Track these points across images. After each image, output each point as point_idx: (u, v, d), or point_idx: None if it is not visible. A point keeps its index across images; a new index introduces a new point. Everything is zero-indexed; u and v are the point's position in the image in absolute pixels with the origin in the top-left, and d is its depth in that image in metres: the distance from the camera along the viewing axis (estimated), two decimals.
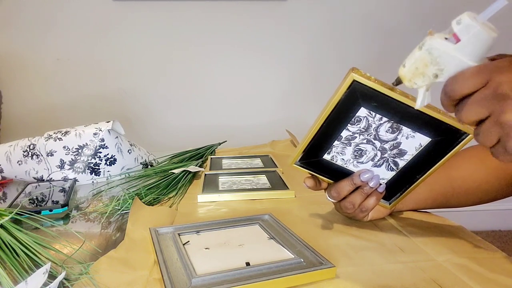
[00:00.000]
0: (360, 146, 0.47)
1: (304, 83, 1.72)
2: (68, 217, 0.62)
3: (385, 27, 1.69)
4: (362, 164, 0.49)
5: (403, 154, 0.47)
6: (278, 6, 1.61)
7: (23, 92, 1.60)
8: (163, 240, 0.49)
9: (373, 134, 0.46)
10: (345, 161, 0.49)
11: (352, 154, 0.48)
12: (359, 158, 0.48)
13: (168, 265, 0.42)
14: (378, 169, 0.49)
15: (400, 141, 0.46)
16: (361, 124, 0.45)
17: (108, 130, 0.80)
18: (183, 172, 0.77)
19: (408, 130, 0.45)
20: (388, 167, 0.49)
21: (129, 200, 0.64)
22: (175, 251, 0.45)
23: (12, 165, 0.79)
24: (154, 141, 1.65)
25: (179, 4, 1.58)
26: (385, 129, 0.45)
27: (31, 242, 0.46)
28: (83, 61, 1.60)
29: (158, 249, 0.45)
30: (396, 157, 0.48)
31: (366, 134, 0.46)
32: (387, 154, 0.48)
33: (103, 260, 0.45)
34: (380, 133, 0.46)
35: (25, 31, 1.56)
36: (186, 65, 1.65)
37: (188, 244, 0.48)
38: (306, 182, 0.51)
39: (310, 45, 1.68)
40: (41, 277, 0.39)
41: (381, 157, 0.48)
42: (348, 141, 0.47)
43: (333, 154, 0.49)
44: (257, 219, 0.55)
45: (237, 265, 0.42)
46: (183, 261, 0.43)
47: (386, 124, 0.45)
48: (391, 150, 0.47)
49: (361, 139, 0.47)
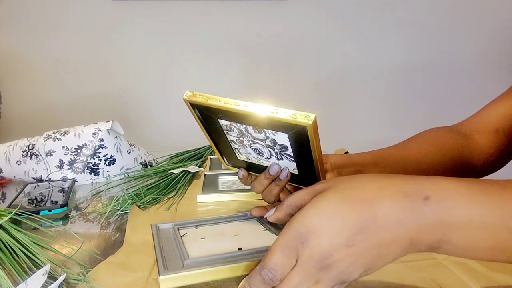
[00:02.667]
0: (254, 146, 0.47)
1: (304, 83, 1.72)
2: (67, 218, 0.62)
3: (385, 27, 1.69)
4: (269, 160, 0.48)
5: (285, 148, 0.45)
6: (278, 6, 1.61)
7: (22, 92, 1.60)
8: (162, 234, 0.50)
9: (250, 136, 0.45)
10: (256, 158, 0.49)
11: (255, 153, 0.48)
12: (262, 155, 0.48)
13: (164, 251, 0.44)
14: (282, 162, 0.48)
15: (273, 138, 0.44)
16: (234, 131, 0.45)
17: (107, 130, 0.80)
18: (183, 172, 0.77)
19: (266, 130, 0.43)
20: (288, 158, 0.47)
21: (128, 200, 0.64)
22: (173, 242, 0.47)
23: (11, 165, 0.79)
24: (153, 141, 1.65)
25: (179, 4, 1.58)
26: (252, 131, 0.44)
27: (30, 243, 0.46)
28: (83, 61, 1.60)
29: (156, 241, 0.46)
30: (284, 151, 0.46)
31: (246, 137, 0.45)
32: (276, 150, 0.46)
33: (102, 265, 0.45)
34: (253, 135, 0.45)
35: (25, 31, 1.55)
36: (185, 65, 1.65)
37: (185, 236, 0.49)
38: (239, 173, 0.52)
39: (310, 45, 1.68)
40: (41, 278, 0.39)
41: (275, 153, 0.47)
42: (242, 144, 0.47)
43: (244, 155, 0.49)
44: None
45: (230, 250, 0.44)
46: (179, 248, 0.44)
47: (247, 126, 0.44)
48: (275, 146, 0.45)
49: (248, 141, 0.46)
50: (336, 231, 0.31)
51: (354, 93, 1.75)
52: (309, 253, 0.32)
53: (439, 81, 1.77)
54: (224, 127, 0.46)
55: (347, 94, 1.75)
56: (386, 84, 1.76)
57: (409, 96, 1.78)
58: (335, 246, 0.31)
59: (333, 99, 1.74)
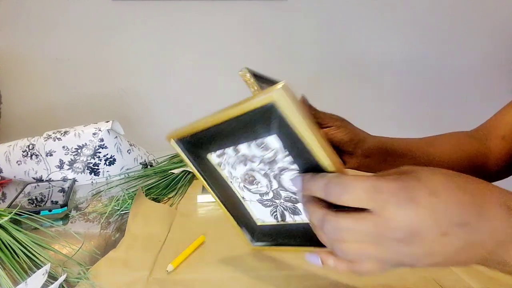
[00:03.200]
0: (254, 174, 0.39)
1: (304, 83, 1.72)
2: (67, 217, 0.62)
3: (385, 27, 1.69)
4: (248, 192, 0.42)
5: (295, 212, 0.40)
6: (278, 6, 1.61)
7: (22, 92, 1.60)
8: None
9: (276, 173, 0.37)
10: (232, 176, 0.42)
11: (242, 175, 0.41)
12: (249, 184, 0.41)
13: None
14: (261, 208, 0.42)
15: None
16: (267, 153, 0.36)
17: (108, 130, 0.80)
18: (183, 172, 0.77)
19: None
20: (273, 213, 0.42)
21: (128, 200, 0.64)
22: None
23: (12, 165, 0.79)
24: (153, 141, 1.64)
25: (179, 4, 1.58)
26: (289, 177, 0.36)
27: (30, 243, 0.46)
28: (83, 61, 1.60)
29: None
30: (286, 211, 0.40)
31: (268, 167, 0.38)
32: (278, 202, 0.40)
33: (102, 262, 0.45)
34: (282, 177, 0.37)
35: (25, 31, 1.55)
36: (185, 65, 1.64)
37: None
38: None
39: (310, 45, 1.68)
40: (41, 278, 0.39)
41: (271, 200, 0.41)
42: (244, 160, 0.39)
43: (224, 160, 0.41)
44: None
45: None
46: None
47: (294, 173, 0.36)
48: (285, 201, 0.39)
49: (259, 168, 0.38)
50: (445, 210, 0.27)
51: (354, 93, 1.75)
52: (402, 213, 0.27)
53: (440, 81, 1.77)
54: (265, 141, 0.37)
55: (348, 94, 1.75)
56: (386, 84, 1.76)
57: (410, 96, 1.78)
58: (433, 226, 0.27)
59: (333, 99, 1.74)
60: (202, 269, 0.44)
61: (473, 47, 1.74)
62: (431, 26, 1.70)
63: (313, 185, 0.31)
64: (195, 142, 0.41)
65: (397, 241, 0.28)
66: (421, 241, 0.28)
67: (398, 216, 0.27)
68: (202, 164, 0.43)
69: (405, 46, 1.71)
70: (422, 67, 1.75)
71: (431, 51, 1.73)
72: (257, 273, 0.43)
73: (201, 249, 0.49)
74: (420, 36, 1.71)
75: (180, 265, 0.45)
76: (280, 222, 0.42)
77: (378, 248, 0.29)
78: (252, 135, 0.36)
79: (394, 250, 0.28)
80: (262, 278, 0.42)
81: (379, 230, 0.28)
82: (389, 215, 0.27)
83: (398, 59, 1.73)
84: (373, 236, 0.28)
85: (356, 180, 0.28)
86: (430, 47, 1.73)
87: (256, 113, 0.32)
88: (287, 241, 0.42)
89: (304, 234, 0.40)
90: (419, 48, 1.72)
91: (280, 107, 0.29)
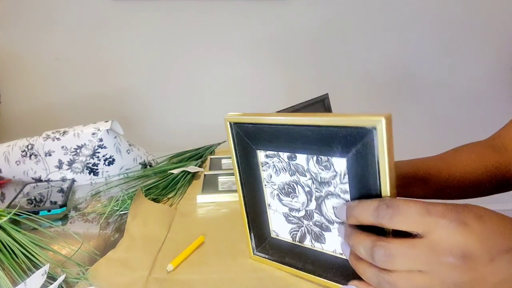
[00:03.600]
0: (297, 188, 0.39)
1: (304, 83, 1.72)
2: (66, 218, 0.62)
3: (385, 27, 1.69)
4: (278, 201, 0.41)
5: (318, 239, 0.39)
6: (278, 6, 1.61)
7: (21, 91, 1.60)
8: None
9: (321, 195, 0.37)
10: (270, 180, 0.41)
11: (282, 184, 0.40)
12: (284, 195, 0.40)
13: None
14: (283, 222, 0.42)
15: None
16: (324, 172, 0.35)
17: (107, 130, 0.79)
18: (182, 172, 0.77)
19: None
20: (292, 232, 0.42)
21: (127, 201, 0.63)
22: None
23: (10, 165, 0.79)
24: (153, 141, 1.64)
25: (179, 4, 1.57)
26: (333, 204, 0.36)
27: (29, 243, 0.45)
28: (82, 61, 1.60)
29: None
30: (309, 234, 0.40)
31: (316, 186, 0.37)
32: (306, 223, 0.40)
33: (102, 262, 0.45)
34: (325, 201, 0.36)
35: (24, 30, 1.55)
36: (185, 65, 1.64)
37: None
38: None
39: (310, 45, 1.68)
40: (40, 278, 0.38)
41: (299, 218, 0.40)
42: (294, 170, 0.38)
43: (271, 162, 0.40)
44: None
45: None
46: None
47: (339, 201, 0.35)
48: (314, 225, 0.39)
49: (306, 183, 0.38)
50: (492, 235, 0.27)
51: (355, 93, 1.75)
52: (453, 235, 0.27)
53: (442, 82, 1.78)
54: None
55: (348, 94, 1.75)
56: (388, 84, 1.76)
57: (411, 96, 1.78)
58: (483, 250, 0.27)
59: (334, 99, 1.74)
60: (202, 269, 0.44)
61: (478, 58, 1.74)
62: (431, 28, 1.70)
63: (362, 211, 0.30)
64: (254, 133, 0.39)
65: (449, 266, 0.27)
66: (473, 266, 0.27)
67: (449, 238, 0.27)
68: (247, 156, 0.41)
69: (406, 45, 1.71)
70: (424, 69, 1.75)
71: (431, 52, 1.73)
72: (256, 273, 0.43)
73: (201, 249, 0.49)
74: (420, 38, 1.71)
75: (180, 265, 0.45)
76: (296, 242, 0.41)
77: (428, 277, 0.28)
78: (321, 150, 0.34)
79: (445, 276, 0.27)
80: (261, 278, 0.42)
81: (431, 254, 0.27)
82: (440, 237, 0.27)
83: (399, 58, 1.73)
84: (424, 262, 0.28)
85: (408, 202, 0.28)
86: (430, 48, 1.73)
87: (346, 131, 0.31)
88: (293, 263, 0.41)
89: (317, 262, 0.39)
90: (419, 49, 1.72)
91: (378, 134, 0.29)
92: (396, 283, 0.29)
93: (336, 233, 0.37)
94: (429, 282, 0.28)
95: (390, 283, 0.29)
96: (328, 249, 0.39)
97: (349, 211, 0.32)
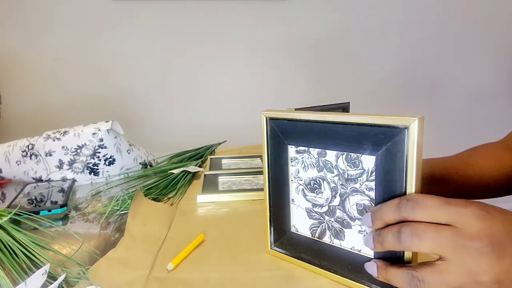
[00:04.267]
0: (323, 183, 0.40)
1: (304, 83, 1.72)
2: (67, 218, 0.62)
3: (385, 27, 1.69)
4: (302, 197, 0.43)
5: (338, 236, 0.40)
6: (278, 6, 1.61)
7: (21, 92, 1.60)
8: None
9: (346, 191, 0.38)
10: (297, 175, 0.42)
11: (309, 179, 0.41)
12: (309, 190, 0.41)
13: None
14: (304, 218, 0.43)
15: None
16: (352, 169, 0.37)
17: (107, 130, 0.80)
18: (183, 172, 0.77)
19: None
20: (312, 227, 0.42)
21: (128, 200, 0.63)
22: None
23: (11, 165, 0.79)
24: (153, 141, 1.64)
25: (179, 4, 1.58)
26: (357, 200, 0.37)
27: (29, 243, 0.45)
28: (82, 61, 1.60)
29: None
30: (329, 230, 0.41)
31: (342, 182, 0.38)
32: (327, 219, 0.40)
33: (102, 261, 0.45)
34: (349, 198, 0.38)
35: (24, 30, 1.55)
36: (185, 65, 1.64)
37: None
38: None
39: (310, 45, 1.68)
40: (41, 278, 0.39)
41: (321, 214, 0.41)
42: (323, 166, 0.39)
43: (300, 158, 0.41)
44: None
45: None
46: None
47: (363, 199, 0.37)
48: (335, 221, 0.40)
49: (332, 179, 0.39)
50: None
51: (355, 93, 1.75)
52: (478, 223, 0.27)
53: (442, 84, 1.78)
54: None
55: (349, 94, 1.75)
56: (389, 84, 1.76)
57: (412, 97, 1.78)
58: (508, 239, 0.28)
59: (335, 99, 1.74)
60: (202, 268, 0.44)
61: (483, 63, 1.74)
62: (433, 30, 1.70)
63: (385, 210, 0.32)
64: (288, 129, 0.41)
65: (477, 252, 0.27)
66: (503, 252, 0.27)
67: (475, 225, 0.28)
68: (277, 151, 0.43)
69: (405, 45, 1.71)
70: (423, 71, 1.75)
71: (432, 54, 1.73)
72: (257, 272, 0.43)
73: (201, 248, 0.49)
74: (420, 37, 1.71)
75: (180, 264, 0.45)
76: (315, 238, 0.42)
77: (454, 265, 0.28)
78: (352, 147, 0.36)
79: (473, 263, 0.28)
80: (262, 277, 0.42)
81: (457, 238, 0.28)
82: (465, 224, 0.28)
83: (399, 58, 1.73)
84: (450, 247, 0.28)
85: (427, 196, 0.30)
86: (430, 49, 1.73)
87: (378, 129, 0.33)
88: (310, 259, 0.42)
89: (334, 258, 0.40)
90: (419, 50, 1.72)
91: (410, 133, 0.31)
92: (424, 277, 0.29)
93: (356, 230, 0.38)
94: (455, 271, 0.28)
95: (419, 279, 0.29)
96: (346, 246, 0.39)
97: (373, 215, 0.33)
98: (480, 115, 1.79)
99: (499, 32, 1.71)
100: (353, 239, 0.39)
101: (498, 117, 1.77)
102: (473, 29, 1.70)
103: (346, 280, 0.39)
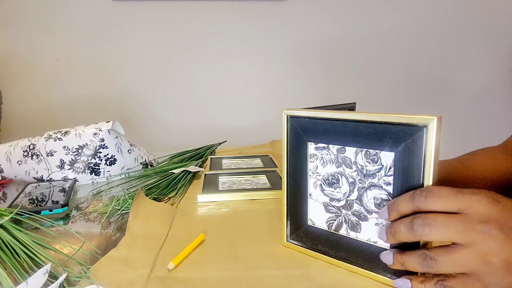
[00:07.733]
0: (341, 179, 0.42)
1: (304, 83, 1.72)
2: (68, 217, 0.62)
3: (390, 29, 1.69)
4: (320, 191, 0.44)
5: (354, 228, 0.41)
6: (278, 6, 1.61)
7: (23, 92, 1.60)
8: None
9: (363, 186, 0.39)
10: (316, 170, 0.44)
11: (328, 175, 0.42)
12: (327, 185, 0.43)
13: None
14: (321, 211, 0.44)
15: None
16: (371, 165, 0.38)
17: (108, 130, 0.80)
18: (183, 172, 0.77)
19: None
20: (329, 221, 0.44)
21: (129, 200, 0.64)
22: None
23: (12, 165, 0.79)
24: (154, 141, 1.65)
25: (179, 4, 1.58)
26: (374, 194, 0.39)
27: (31, 242, 0.46)
28: (83, 61, 1.60)
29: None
30: (346, 223, 0.42)
31: (360, 177, 0.40)
32: (344, 212, 0.42)
33: (103, 261, 0.45)
34: (367, 192, 0.39)
35: (25, 31, 1.56)
36: (186, 65, 1.65)
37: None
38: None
39: (312, 46, 1.68)
40: (42, 277, 0.39)
41: (338, 208, 0.42)
42: (342, 162, 0.41)
43: (320, 154, 0.43)
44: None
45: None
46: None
47: (381, 193, 0.38)
48: (352, 214, 0.41)
49: (350, 175, 0.40)
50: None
51: (356, 93, 1.75)
52: (488, 208, 0.29)
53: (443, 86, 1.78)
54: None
55: (349, 94, 1.75)
56: (390, 83, 1.76)
57: (415, 98, 1.78)
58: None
59: (334, 99, 1.74)
60: (202, 267, 0.44)
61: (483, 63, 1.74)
62: (433, 30, 1.70)
63: (400, 202, 0.34)
64: (308, 126, 0.43)
65: (487, 235, 0.29)
66: (511, 235, 0.28)
67: (485, 211, 0.29)
68: (297, 148, 0.44)
69: (405, 45, 1.71)
70: (426, 74, 1.75)
71: (435, 56, 1.73)
72: (257, 271, 0.43)
73: (202, 247, 0.49)
74: (421, 37, 1.71)
75: (181, 263, 0.45)
76: (331, 231, 0.44)
77: (466, 249, 0.29)
78: (371, 144, 0.38)
79: (484, 246, 0.29)
80: (262, 276, 0.42)
81: (467, 223, 0.29)
82: (475, 210, 0.29)
83: (399, 58, 1.73)
84: (460, 232, 0.29)
85: (439, 186, 0.32)
86: (430, 49, 1.73)
87: (398, 127, 0.35)
88: (326, 250, 0.44)
89: (350, 249, 0.41)
90: (419, 50, 1.72)
91: (428, 131, 0.33)
92: (436, 256, 0.31)
93: (372, 222, 0.40)
94: (466, 252, 0.29)
95: (431, 257, 0.31)
96: (363, 238, 0.41)
97: (390, 208, 0.35)
98: (483, 117, 1.79)
99: (505, 33, 1.70)
100: (369, 231, 0.40)
101: (502, 118, 1.77)
102: (477, 30, 1.70)
103: (361, 270, 0.40)
